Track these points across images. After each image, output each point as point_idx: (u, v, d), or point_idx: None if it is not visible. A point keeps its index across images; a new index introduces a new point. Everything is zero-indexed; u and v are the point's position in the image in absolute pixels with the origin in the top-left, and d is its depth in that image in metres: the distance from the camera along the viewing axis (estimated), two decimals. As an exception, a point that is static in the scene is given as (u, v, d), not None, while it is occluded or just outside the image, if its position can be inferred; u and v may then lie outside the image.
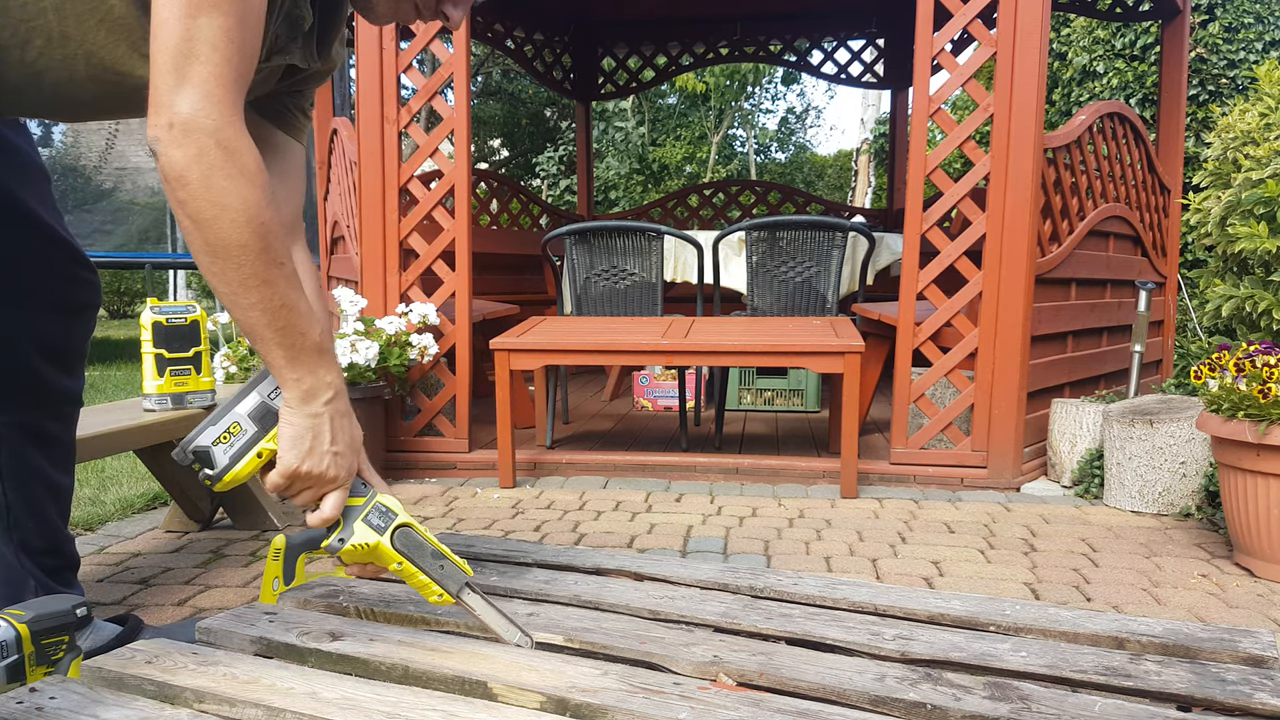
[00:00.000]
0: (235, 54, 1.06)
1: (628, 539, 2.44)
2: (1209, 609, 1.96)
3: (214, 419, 1.16)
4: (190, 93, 1.03)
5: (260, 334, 1.11)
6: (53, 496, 1.55)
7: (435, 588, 1.22)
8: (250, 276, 1.07)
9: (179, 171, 1.03)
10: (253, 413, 1.17)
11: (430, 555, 1.22)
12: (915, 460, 3.07)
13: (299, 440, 1.14)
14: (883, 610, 1.40)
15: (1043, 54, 2.91)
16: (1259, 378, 2.13)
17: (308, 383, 1.14)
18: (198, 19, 1.03)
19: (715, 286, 3.82)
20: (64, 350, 1.53)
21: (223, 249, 1.06)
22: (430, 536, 1.23)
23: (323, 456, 1.15)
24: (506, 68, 13.86)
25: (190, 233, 1.06)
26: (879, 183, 12.53)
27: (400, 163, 3.22)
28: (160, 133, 1.03)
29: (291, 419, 1.15)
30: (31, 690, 1.12)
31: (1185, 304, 4.98)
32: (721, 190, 6.78)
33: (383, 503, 1.22)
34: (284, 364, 1.13)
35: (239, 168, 1.05)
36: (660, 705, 1.05)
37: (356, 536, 1.19)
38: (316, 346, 1.15)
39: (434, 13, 1.27)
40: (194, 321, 2.15)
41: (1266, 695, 1.09)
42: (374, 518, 1.20)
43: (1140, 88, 6.29)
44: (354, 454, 1.20)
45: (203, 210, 1.04)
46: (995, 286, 2.97)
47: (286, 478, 1.15)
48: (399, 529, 1.21)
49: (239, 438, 1.16)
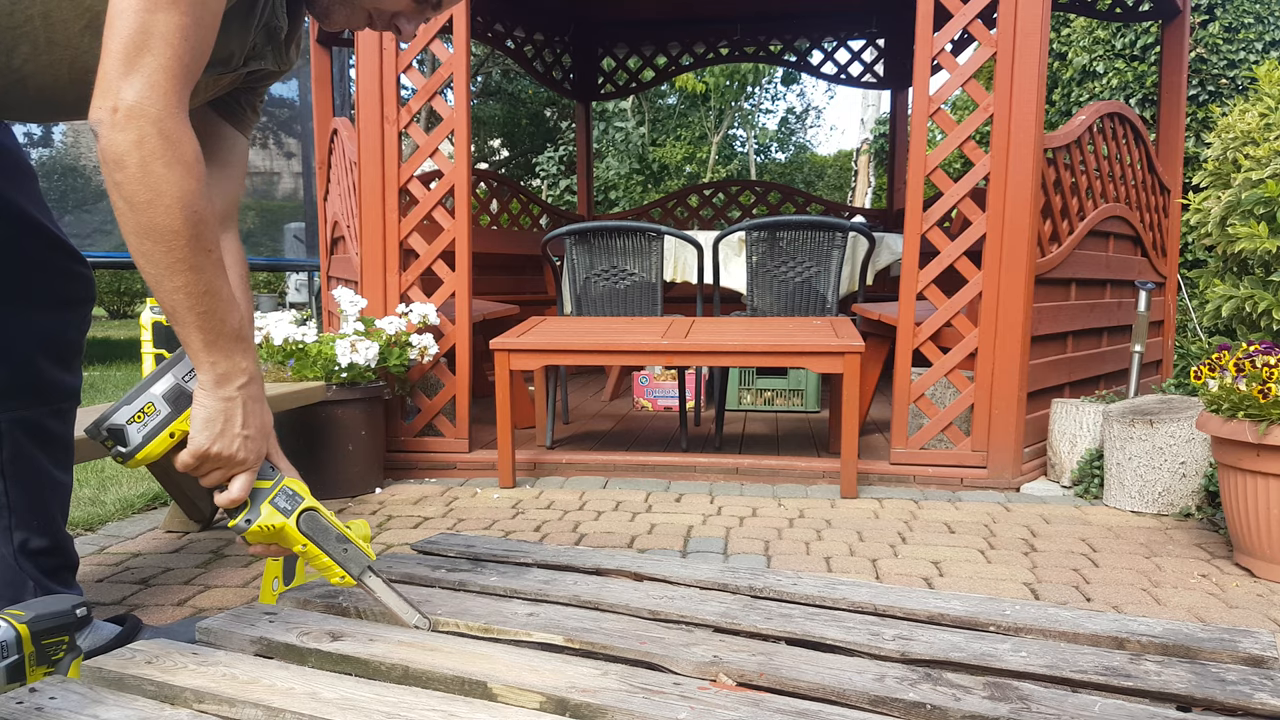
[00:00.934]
0: (187, 51, 1.10)
1: (628, 539, 2.44)
2: (1209, 609, 1.96)
3: (129, 398, 1.19)
4: (138, 81, 1.07)
5: (181, 317, 1.14)
6: (54, 495, 1.55)
7: (338, 570, 1.27)
8: (178, 261, 1.11)
9: (118, 154, 1.07)
10: (167, 394, 1.20)
11: (335, 539, 1.27)
12: (915, 460, 3.07)
13: (211, 422, 1.18)
14: (883, 610, 1.41)
15: (1043, 54, 2.91)
16: (1259, 378, 2.13)
17: (223, 367, 1.18)
18: (156, 14, 1.07)
19: (715, 286, 3.82)
20: (62, 345, 1.53)
21: (154, 233, 1.10)
22: (335, 520, 1.28)
23: (233, 439, 1.19)
24: (506, 68, 13.87)
25: (124, 213, 1.10)
26: (879, 183, 12.54)
27: (400, 163, 3.22)
28: (104, 115, 1.07)
29: (205, 401, 1.18)
30: (31, 690, 1.12)
31: (1185, 304, 4.98)
32: (721, 190, 6.78)
33: (290, 486, 1.26)
34: (201, 348, 1.17)
35: (177, 156, 1.09)
36: (660, 705, 1.05)
37: (263, 518, 1.22)
38: (235, 333, 1.19)
39: (387, 25, 1.33)
40: (194, 321, 2.15)
41: (1266, 695, 1.09)
42: (281, 500, 1.24)
43: (1140, 88, 6.29)
44: (264, 438, 1.24)
45: (138, 194, 1.08)
46: (995, 286, 2.97)
47: (197, 458, 1.19)
48: (305, 512, 1.25)
49: (153, 418, 1.19)
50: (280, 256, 10.41)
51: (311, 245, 9.61)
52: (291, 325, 2.95)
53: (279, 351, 2.92)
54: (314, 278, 10.27)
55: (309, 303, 11.05)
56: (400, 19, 1.32)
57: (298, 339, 2.92)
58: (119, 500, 2.84)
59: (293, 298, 12.27)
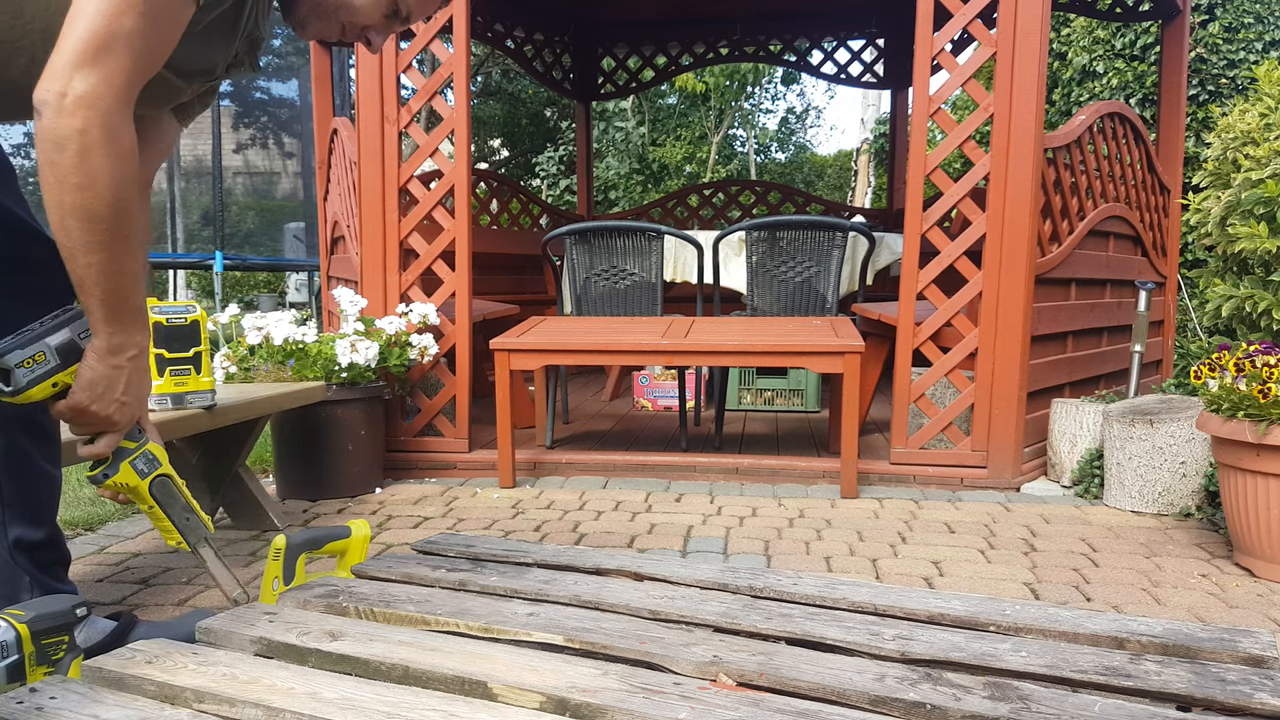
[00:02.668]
0: (144, 56, 1.15)
1: (628, 539, 2.44)
2: (1209, 609, 1.96)
3: (23, 342, 1.26)
4: (95, 75, 1.11)
5: (89, 289, 1.21)
6: (46, 489, 1.56)
7: (177, 535, 1.40)
8: (97, 243, 1.17)
9: (60, 138, 1.11)
10: (60, 347, 1.27)
11: (181, 507, 1.40)
12: (915, 460, 3.07)
13: (94, 385, 1.26)
14: (883, 610, 1.41)
15: (1043, 54, 2.91)
16: (1259, 378, 2.13)
17: (118, 339, 1.26)
18: (123, 18, 1.12)
19: (715, 286, 3.82)
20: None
21: (80, 213, 1.15)
22: (185, 490, 1.40)
23: (111, 403, 1.28)
24: (506, 68, 13.86)
25: (51, 189, 1.14)
26: (879, 183, 12.53)
27: (400, 163, 3.22)
28: (51, 98, 1.11)
29: (94, 364, 1.26)
30: (32, 690, 1.12)
31: (1185, 304, 4.98)
32: (721, 190, 6.78)
33: (151, 450, 1.37)
34: (103, 319, 1.24)
35: (116, 149, 1.14)
36: (660, 705, 1.05)
37: (120, 475, 1.33)
38: (137, 309, 1.26)
39: (358, 36, 1.39)
40: (194, 321, 2.15)
41: (1266, 695, 1.09)
42: (140, 463, 1.35)
43: (1140, 88, 6.29)
44: (139, 405, 1.33)
45: (69, 176, 1.13)
46: (995, 286, 2.97)
47: (73, 410, 1.28)
48: (159, 477, 1.37)
49: (41, 365, 1.26)
50: (280, 256, 10.41)
51: (311, 245, 9.61)
52: (291, 325, 2.95)
53: (279, 351, 2.92)
54: (314, 278, 10.27)
55: (309, 302, 11.05)
56: (370, 31, 1.39)
57: (298, 339, 2.92)
58: (119, 500, 2.84)
59: (293, 297, 12.28)
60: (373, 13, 1.36)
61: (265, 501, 2.56)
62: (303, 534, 1.68)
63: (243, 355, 2.95)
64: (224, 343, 3.15)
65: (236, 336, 3.08)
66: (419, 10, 1.41)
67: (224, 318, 3.18)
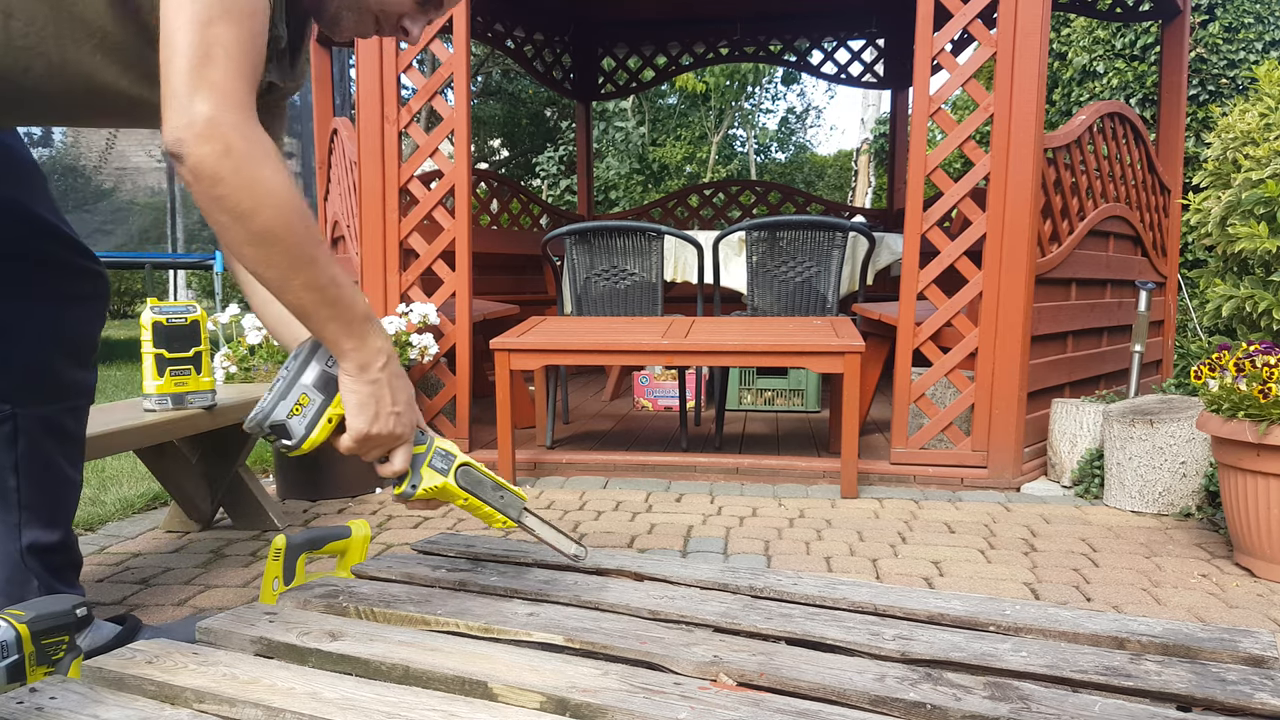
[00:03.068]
0: (246, 60, 1.10)
1: (628, 539, 2.44)
2: (1209, 609, 1.96)
3: (281, 393, 1.22)
4: (209, 94, 1.06)
5: (313, 312, 1.16)
6: (64, 493, 1.55)
7: (500, 516, 1.36)
8: (297, 258, 1.11)
9: (211, 169, 1.06)
10: (316, 382, 1.23)
11: (490, 488, 1.36)
12: (915, 460, 3.07)
13: (364, 407, 1.22)
14: (883, 610, 1.41)
15: (1043, 54, 2.91)
16: (1259, 378, 2.13)
17: (364, 352, 1.20)
18: (212, 28, 1.07)
19: (715, 286, 3.82)
20: (77, 342, 1.54)
21: (268, 236, 1.09)
22: (487, 471, 1.36)
23: (388, 418, 1.24)
24: (506, 68, 13.86)
25: (229, 227, 1.09)
26: (879, 183, 12.53)
27: (400, 163, 3.22)
28: (182, 134, 1.05)
29: (354, 387, 1.21)
30: (32, 690, 1.12)
31: (1185, 304, 4.98)
32: (721, 190, 6.78)
33: (442, 446, 1.32)
34: (340, 337, 1.18)
35: (265, 156, 1.08)
36: (660, 705, 1.05)
37: (425, 481, 1.30)
38: (365, 315, 1.20)
39: (393, 28, 1.33)
40: (194, 321, 2.15)
41: (1266, 695, 1.09)
42: (437, 461, 1.31)
43: (1140, 88, 6.29)
44: (411, 410, 1.28)
45: (241, 202, 1.07)
46: (995, 286, 2.97)
47: (359, 441, 1.24)
48: (460, 467, 1.33)
49: (309, 408, 1.23)
50: (280, 256, 10.38)
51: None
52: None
53: (279, 351, 2.91)
54: (314, 278, 10.24)
55: (309, 303, 11.01)
56: (405, 20, 1.32)
57: (298, 339, 2.91)
58: (119, 500, 2.84)
59: (293, 298, 12.23)
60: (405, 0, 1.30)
61: (265, 501, 2.56)
62: (303, 534, 1.68)
63: (243, 355, 2.95)
64: (224, 343, 3.15)
65: (236, 336, 3.08)
66: None
67: (224, 318, 3.18)
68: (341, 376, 1.22)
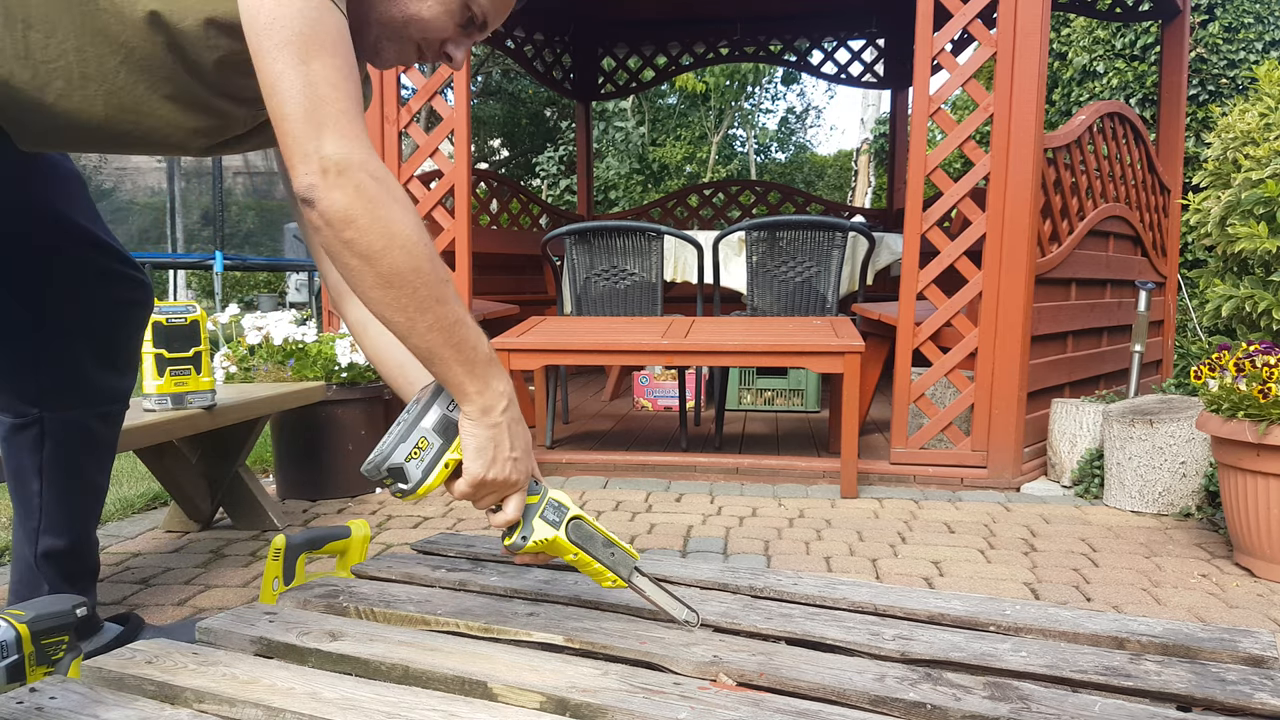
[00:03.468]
0: (352, 90, 1.08)
1: (628, 539, 2.44)
2: (1209, 609, 1.96)
3: (401, 436, 1.19)
4: (331, 134, 1.04)
5: (439, 354, 1.13)
6: (87, 499, 1.55)
7: (609, 574, 1.31)
8: (426, 299, 1.09)
9: (343, 212, 1.04)
10: (436, 426, 1.20)
11: (601, 544, 1.30)
12: (915, 460, 3.07)
13: (483, 451, 1.18)
14: (883, 610, 1.40)
15: (1043, 54, 2.91)
16: (1259, 378, 2.13)
17: (487, 396, 1.17)
18: (311, 65, 1.05)
19: (715, 286, 3.82)
20: (113, 347, 1.53)
21: (397, 277, 1.07)
22: (599, 526, 1.31)
23: (505, 464, 1.19)
24: (506, 68, 13.86)
25: (359, 270, 1.07)
26: (879, 183, 12.54)
27: (400, 163, 3.22)
28: (315, 179, 1.04)
29: (474, 431, 1.18)
30: (31, 690, 1.12)
31: (1185, 304, 4.98)
32: (721, 190, 6.78)
33: (555, 498, 1.28)
34: (464, 379, 1.15)
35: (394, 196, 1.07)
36: (660, 705, 1.05)
37: (537, 534, 1.25)
38: (489, 358, 1.17)
39: (437, 54, 1.28)
40: (194, 321, 2.15)
41: (1266, 695, 1.09)
42: (549, 513, 1.27)
43: (1140, 88, 6.29)
44: (528, 457, 1.24)
45: (373, 244, 1.05)
46: (995, 286, 2.97)
47: (474, 486, 1.19)
48: (572, 521, 1.28)
49: (427, 452, 1.19)
50: (280, 256, 10.41)
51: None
52: (291, 325, 2.95)
53: (279, 351, 2.92)
54: (314, 278, 10.26)
55: (309, 302, 11.05)
56: (449, 45, 1.28)
57: (298, 339, 2.92)
58: (119, 500, 2.84)
59: (293, 297, 12.27)
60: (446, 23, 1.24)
61: (265, 501, 2.56)
62: (303, 534, 1.68)
63: (243, 355, 2.95)
64: (224, 343, 3.15)
65: (236, 336, 3.08)
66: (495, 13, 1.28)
67: (224, 318, 3.18)
68: (462, 420, 1.19)
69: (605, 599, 1.44)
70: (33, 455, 1.46)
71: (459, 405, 1.18)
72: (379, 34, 1.24)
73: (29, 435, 1.46)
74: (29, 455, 1.46)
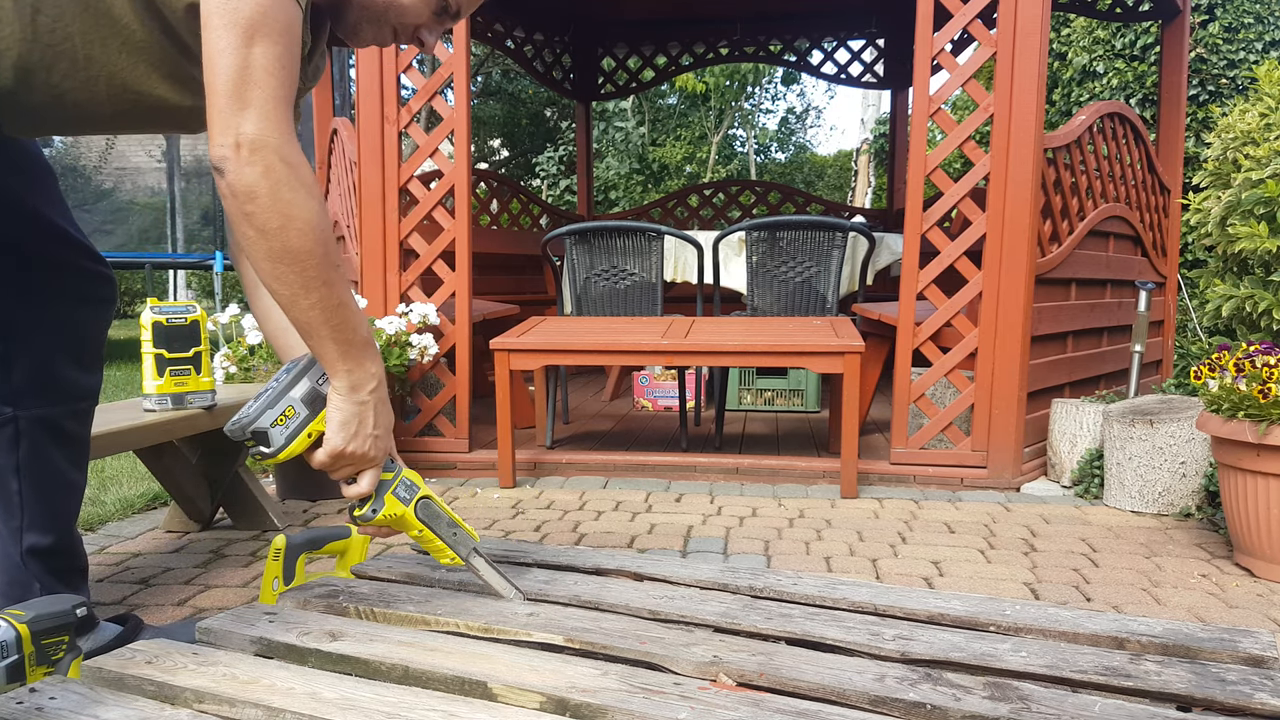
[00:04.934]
0: (286, 78, 1.15)
1: (628, 539, 2.44)
2: (1209, 609, 1.96)
3: (270, 402, 1.26)
4: (253, 115, 1.11)
5: (317, 331, 1.20)
6: (67, 495, 1.55)
7: (449, 552, 1.41)
8: (313, 279, 1.16)
9: (249, 187, 1.11)
10: (304, 397, 1.27)
11: (445, 524, 1.41)
12: (915, 460, 3.07)
13: (346, 425, 1.26)
14: (883, 610, 1.41)
15: (1043, 54, 2.91)
16: (1259, 378, 2.13)
17: (357, 375, 1.25)
18: (253, 48, 1.12)
19: (715, 286, 3.82)
20: (81, 345, 1.54)
21: (288, 255, 1.14)
22: (446, 507, 1.41)
23: (365, 439, 1.28)
24: (506, 68, 13.86)
25: (255, 241, 1.14)
26: (879, 183, 12.53)
27: (400, 163, 3.22)
28: (227, 153, 1.11)
29: (340, 405, 1.26)
30: (31, 690, 1.12)
31: (1185, 304, 4.98)
32: (721, 190, 6.78)
33: (408, 478, 1.38)
34: (337, 357, 1.23)
35: (301, 181, 1.14)
36: (660, 705, 1.05)
37: (387, 508, 1.34)
38: (365, 340, 1.25)
39: (410, 38, 1.37)
40: (194, 321, 2.15)
41: (1266, 695, 1.09)
42: (401, 491, 1.36)
43: (1140, 88, 6.29)
44: (388, 437, 1.33)
45: (270, 221, 1.12)
46: (995, 286, 2.97)
47: (332, 457, 1.27)
48: (421, 500, 1.38)
49: (293, 420, 1.27)
50: (280, 256, 10.37)
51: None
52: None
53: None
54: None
55: (309, 303, 11.01)
56: (422, 31, 1.37)
57: (298, 339, 2.91)
58: (119, 500, 2.84)
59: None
60: (423, 10, 1.34)
61: (265, 501, 2.56)
62: (303, 534, 1.68)
63: (243, 355, 2.95)
64: (224, 343, 3.15)
65: (236, 336, 3.08)
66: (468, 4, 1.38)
67: (224, 318, 3.17)
68: (331, 394, 1.26)
69: (605, 599, 1.44)
70: (9, 454, 1.47)
71: (329, 380, 1.26)
72: (359, 16, 1.33)
73: (4, 435, 1.47)
74: (6, 454, 1.47)
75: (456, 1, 1.36)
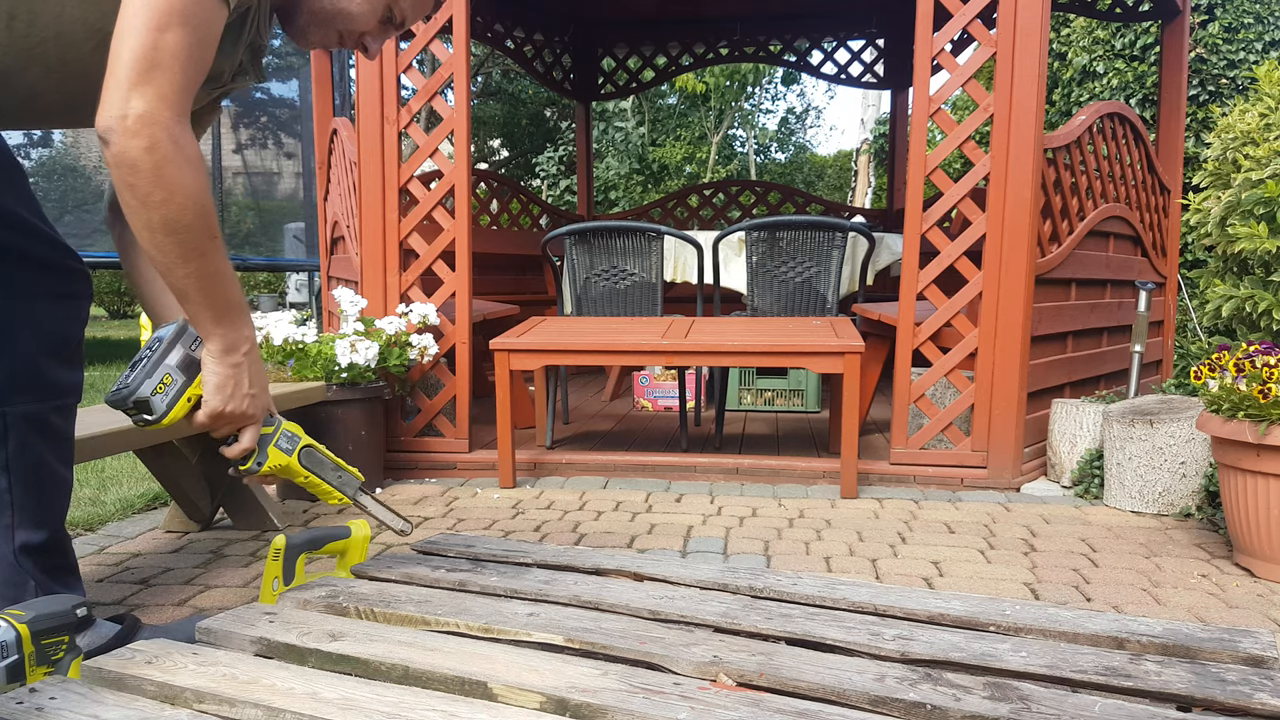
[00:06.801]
0: (192, 67, 1.20)
1: (628, 539, 2.44)
2: (1209, 609, 1.96)
3: (148, 371, 1.32)
4: (149, 93, 1.16)
5: (191, 297, 1.27)
6: (56, 492, 1.55)
7: (337, 493, 1.51)
8: (190, 250, 1.22)
9: (131, 160, 1.16)
10: (180, 364, 1.33)
11: (330, 469, 1.50)
12: (915, 460, 3.07)
13: (222, 387, 1.33)
14: (883, 610, 1.41)
15: (1043, 54, 2.91)
16: (1259, 378, 2.13)
17: (230, 338, 1.31)
18: (165, 33, 1.16)
19: (715, 286, 3.82)
20: (62, 341, 1.53)
21: (165, 226, 1.20)
22: (330, 454, 1.50)
23: (243, 399, 1.34)
24: (506, 68, 13.86)
25: (134, 210, 1.19)
26: (879, 183, 12.54)
27: (400, 163, 3.22)
28: (114, 123, 1.16)
29: (215, 368, 1.32)
30: (31, 690, 1.12)
31: (1185, 304, 4.98)
32: (721, 190, 6.78)
33: (288, 429, 1.45)
34: (211, 322, 1.30)
35: (186, 159, 1.19)
36: (660, 705, 1.05)
37: (271, 459, 1.42)
38: (239, 306, 1.32)
39: (355, 42, 1.45)
40: (194, 321, 2.15)
41: (1266, 695, 1.09)
42: (283, 442, 1.44)
43: (1140, 88, 6.29)
44: (265, 394, 1.39)
45: (152, 194, 1.18)
46: (995, 287, 2.97)
47: (212, 418, 1.34)
48: (304, 448, 1.46)
49: (171, 387, 1.33)
50: (280, 256, 10.40)
51: (311, 245, 9.61)
52: (291, 325, 2.95)
53: (279, 351, 2.92)
54: (314, 278, 10.27)
55: (309, 303, 11.05)
56: (367, 37, 1.44)
57: (298, 339, 2.92)
58: (119, 500, 2.84)
59: (293, 298, 12.28)
60: (369, 19, 1.41)
61: (265, 501, 2.56)
62: (303, 534, 1.68)
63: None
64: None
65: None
66: (413, 14, 1.46)
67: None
68: (205, 357, 1.32)
69: (605, 599, 1.44)
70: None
71: (203, 343, 1.32)
72: (308, 20, 1.40)
73: None
74: None
75: (401, 12, 1.43)
